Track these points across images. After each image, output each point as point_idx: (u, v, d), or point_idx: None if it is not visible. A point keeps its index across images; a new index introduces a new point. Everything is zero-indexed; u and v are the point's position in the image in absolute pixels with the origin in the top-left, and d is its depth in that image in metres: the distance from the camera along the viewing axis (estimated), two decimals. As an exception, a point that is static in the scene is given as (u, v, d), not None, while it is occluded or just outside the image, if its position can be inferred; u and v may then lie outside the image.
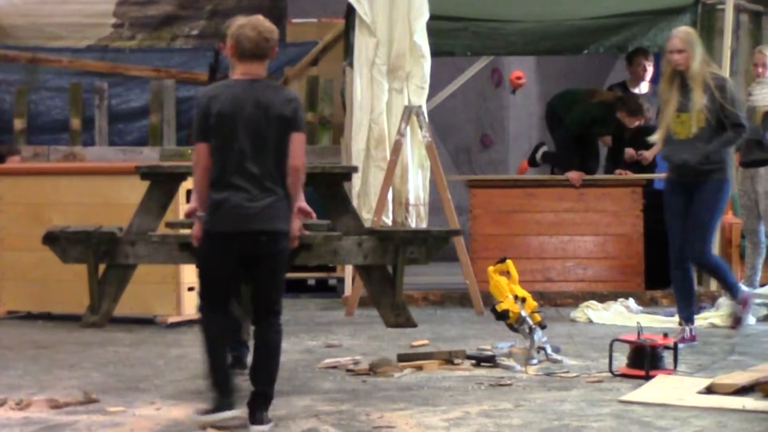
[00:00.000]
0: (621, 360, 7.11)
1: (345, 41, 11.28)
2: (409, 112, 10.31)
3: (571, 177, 10.80)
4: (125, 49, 13.56)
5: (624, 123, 10.72)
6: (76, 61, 13.37)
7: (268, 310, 5.78)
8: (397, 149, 10.28)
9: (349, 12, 10.87)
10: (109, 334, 8.49)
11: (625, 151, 11.06)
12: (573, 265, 10.79)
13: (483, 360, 7.38)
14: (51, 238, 6.81)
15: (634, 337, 7.06)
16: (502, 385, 6.73)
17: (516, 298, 7.44)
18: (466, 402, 6.26)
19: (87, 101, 13.19)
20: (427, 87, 10.58)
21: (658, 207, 8.59)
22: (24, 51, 13.38)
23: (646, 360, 6.88)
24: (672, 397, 6.27)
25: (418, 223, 10.54)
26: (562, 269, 10.78)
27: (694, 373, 7.06)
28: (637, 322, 7.51)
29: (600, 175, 11.25)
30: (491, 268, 7.67)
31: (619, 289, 10.52)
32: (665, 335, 7.31)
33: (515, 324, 7.41)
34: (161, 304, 9.43)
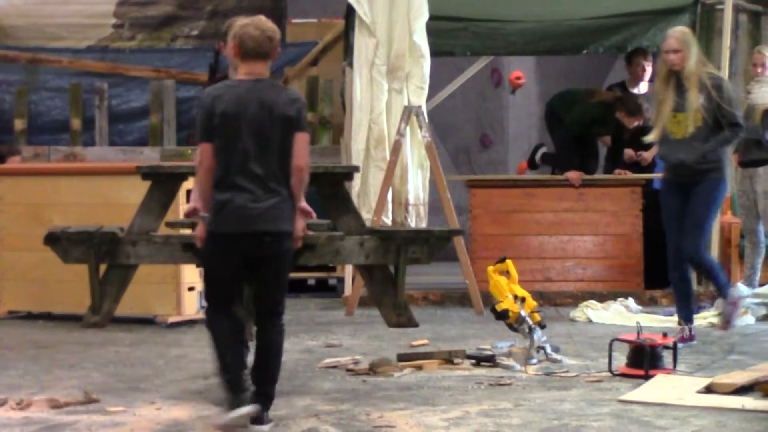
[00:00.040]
0: (620, 359, 7.11)
1: (345, 41, 11.27)
2: (408, 112, 10.31)
3: (571, 177, 10.79)
4: (125, 49, 13.55)
5: (623, 123, 10.73)
6: (77, 62, 13.37)
7: (272, 311, 5.78)
8: (396, 149, 10.28)
9: (349, 12, 10.86)
10: (110, 334, 8.50)
11: (625, 152, 11.06)
12: (572, 265, 10.79)
13: (483, 360, 7.38)
14: (52, 239, 6.75)
15: (633, 337, 7.06)
16: (501, 384, 6.73)
17: (516, 297, 7.44)
18: (465, 401, 6.26)
19: (87, 101, 13.19)
20: (426, 87, 10.57)
21: (658, 207, 8.57)
22: (24, 51, 13.37)
23: (645, 359, 6.88)
24: (671, 396, 6.27)
25: (417, 223, 10.53)
26: (562, 269, 10.78)
27: (693, 372, 7.06)
28: (637, 322, 7.52)
29: (599, 175, 11.25)
30: (491, 268, 7.67)
31: (619, 288, 10.51)
32: (664, 335, 7.32)
33: (515, 324, 7.41)
34: (161, 304, 9.43)
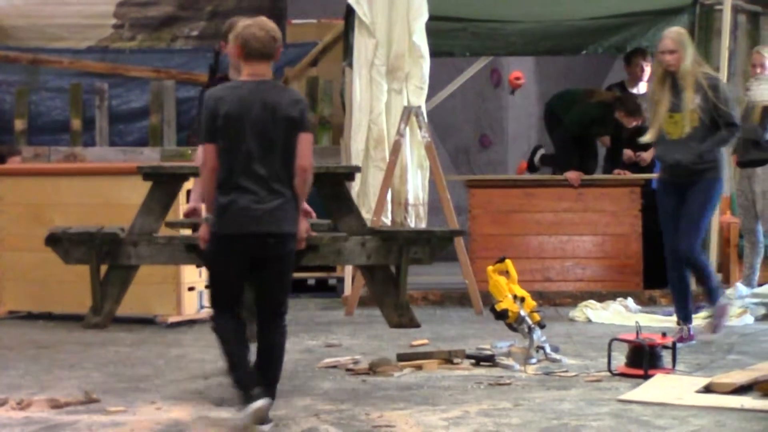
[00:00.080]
0: (620, 359, 7.11)
1: (344, 42, 11.28)
2: (408, 112, 10.31)
3: (570, 177, 10.80)
4: (125, 49, 13.57)
5: (622, 123, 10.74)
6: (77, 62, 13.38)
7: (275, 312, 5.79)
8: (396, 149, 10.28)
9: (349, 13, 10.86)
10: (110, 334, 8.49)
11: (624, 152, 11.07)
12: (572, 265, 10.80)
13: (482, 359, 7.38)
14: (54, 240, 6.73)
15: (632, 337, 7.06)
16: (501, 384, 6.73)
17: (515, 297, 7.44)
18: (465, 401, 6.26)
19: (87, 102, 13.20)
20: (426, 87, 10.58)
21: (657, 207, 8.59)
22: (25, 52, 13.39)
23: (644, 359, 6.88)
24: (671, 396, 6.27)
25: (417, 223, 10.54)
26: (561, 269, 10.79)
27: (692, 372, 7.06)
28: (636, 322, 7.52)
29: (599, 175, 11.26)
30: (490, 268, 7.67)
31: (618, 288, 10.52)
32: (664, 334, 7.32)
33: (514, 323, 7.41)
34: (161, 304, 9.43)
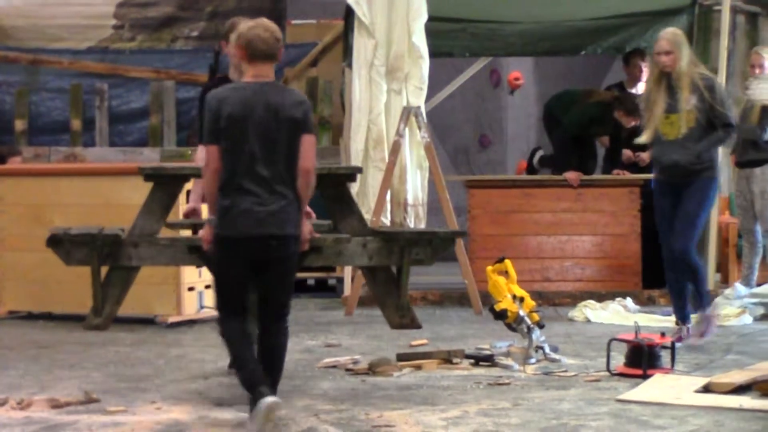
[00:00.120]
0: (619, 359, 7.12)
1: (344, 42, 11.30)
2: (407, 112, 10.32)
3: (569, 177, 10.81)
4: (125, 50, 13.59)
5: (621, 123, 10.75)
6: (77, 63, 13.40)
7: (278, 314, 5.77)
8: (395, 150, 10.29)
9: (348, 13, 10.87)
10: (110, 334, 8.47)
11: (623, 152, 11.07)
12: (571, 265, 10.81)
13: (481, 359, 7.38)
14: (55, 241, 6.65)
15: (631, 337, 7.07)
16: (500, 384, 6.74)
17: (514, 297, 7.45)
18: (464, 401, 6.27)
19: (87, 102, 13.22)
20: (425, 88, 10.58)
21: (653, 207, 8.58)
22: (25, 52, 13.41)
23: (643, 359, 6.89)
24: (669, 396, 6.27)
25: (416, 223, 10.55)
26: (560, 269, 10.80)
27: (691, 372, 7.07)
28: (635, 322, 7.54)
29: (598, 176, 11.27)
30: (490, 268, 7.67)
31: (617, 288, 10.53)
32: (662, 334, 7.33)
33: (513, 323, 7.42)
34: (162, 304, 9.44)
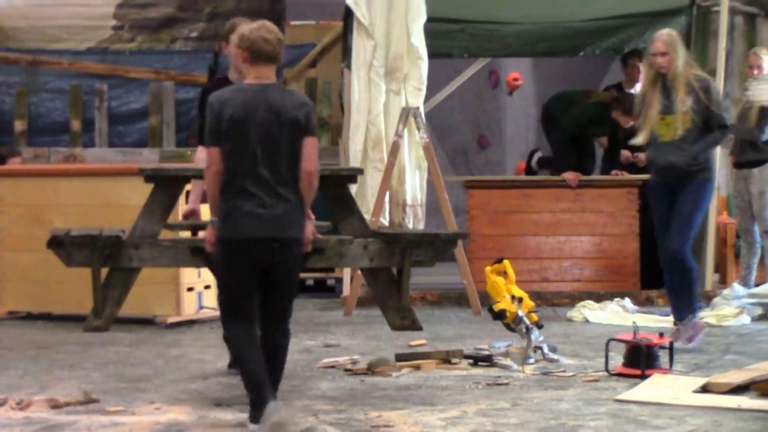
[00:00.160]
0: (617, 359, 7.13)
1: (343, 43, 11.31)
2: (406, 113, 10.33)
3: (568, 178, 10.82)
4: (125, 51, 13.59)
5: (619, 122, 10.76)
6: (77, 63, 13.41)
7: (280, 316, 5.76)
8: (394, 150, 10.30)
9: (347, 14, 10.88)
10: (109, 335, 8.43)
11: (621, 153, 11.09)
12: (569, 265, 10.81)
13: (480, 359, 7.39)
14: (56, 243, 6.62)
15: (630, 337, 7.08)
16: (499, 384, 6.75)
17: (513, 298, 7.45)
18: (463, 401, 6.28)
19: (87, 103, 13.23)
20: (424, 88, 10.59)
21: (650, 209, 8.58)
22: (25, 53, 13.41)
23: (642, 359, 6.90)
24: (668, 396, 6.28)
25: (415, 224, 10.55)
26: (559, 269, 10.80)
27: (689, 372, 7.08)
28: (633, 322, 7.55)
29: (596, 176, 11.28)
30: (488, 269, 7.68)
31: (615, 288, 10.53)
32: (661, 335, 7.32)
33: (512, 324, 7.42)
34: (161, 304, 9.44)
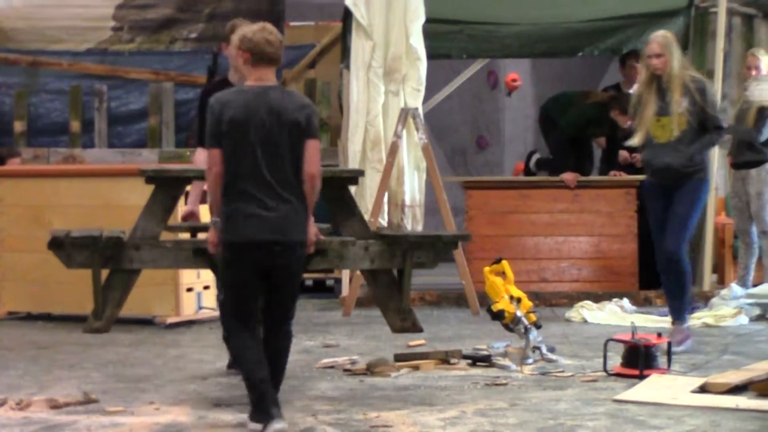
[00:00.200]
0: (615, 359, 7.13)
1: (342, 44, 11.32)
2: (405, 114, 10.34)
3: (566, 178, 10.83)
4: (124, 52, 13.60)
5: (617, 122, 10.76)
6: (76, 64, 13.42)
7: (282, 318, 5.76)
8: (393, 151, 10.30)
9: (346, 15, 10.89)
10: (109, 335, 8.38)
11: (619, 154, 11.10)
12: (568, 266, 10.83)
13: (479, 360, 7.40)
14: (56, 244, 6.57)
15: (628, 337, 7.08)
16: (497, 384, 6.76)
17: (511, 298, 7.46)
18: (462, 401, 6.29)
19: (86, 104, 13.24)
20: (423, 89, 10.60)
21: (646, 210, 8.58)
22: (24, 54, 13.43)
23: (640, 359, 6.90)
24: (666, 396, 6.29)
25: (413, 224, 10.56)
26: (557, 270, 10.82)
27: (687, 372, 7.09)
28: (632, 322, 7.57)
29: (594, 177, 11.29)
30: (487, 269, 7.69)
31: (614, 289, 10.54)
32: (659, 335, 7.31)
33: (511, 324, 7.43)
34: (160, 304, 9.44)
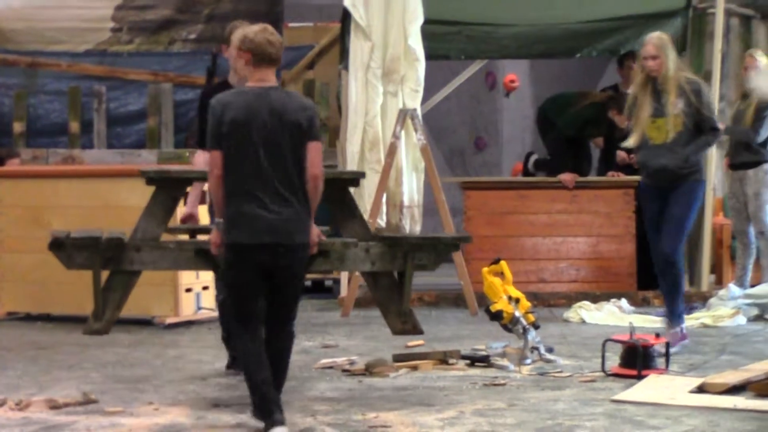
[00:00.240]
0: (613, 360, 7.14)
1: (341, 45, 11.33)
2: (403, 115, 10.34)
3: (564, 179, 10.84)
4: (123, 53, 13.62)
5: (615, 122, 10.78)
6: (75, 65, 13.43)
7: (285, 318, 5.75)
8: (391, 152, 10.31)
9: (345, 16, 10.89)
10: (108, 336, 8.43)
11: (617, 154, 11.10)
12: (566, 266, 10.84)
13: (477, 360, 7.40)
14: (57, 245, 6.52)
15: (626, 337, 7.09)
16: (496, 384, 6.77)
17: (510, 298, 7.47)
18: (460, 401, 6.30)
19: (86, 105, 13.25)
20: (421, 90, 10.60)
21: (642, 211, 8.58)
22: (23, 55, 13.45)
23: (638, 360, 6.91)
24: (664, 396, 6.30)
25: (412, 225, 10.57)
26: (556, 270, 10.83)
27: (685, 372, 7.10)
28: (630, 323, 7.56)
29: (593, 177, 11.30)
30: (485, 269, 7.70)
31: (612, 289, 10.55)
32: (657, 335, 7.33)
33: (509, 324, 7.44)
34: (159, 305, 9.44)
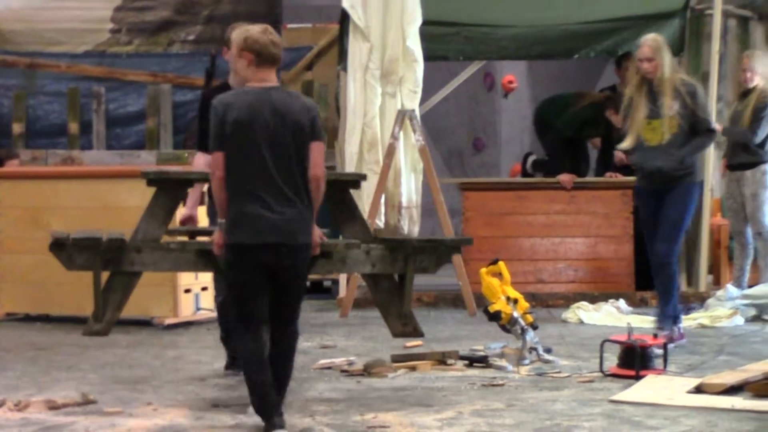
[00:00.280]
0: (612, 360, 7.14)
1: (339, 46, 11.34)
2: (402, 116, 10.35)
3: (562, 179, 10.85)
4: (122, 54, 13.62)
5: (612, 122, 10.79)
6: (74, 66, 13.43)
7: (288, 318, 5.73)
8: (390, 153, 10.32)
9: (344, 17, 10.91)
10: (107, 336, 8.51)
11: (615, 155, 11.11)
12: (564, 267, 10.85)
13: (476, 360, 7.41)
14: (57, 245, 6.46)
15: (624, 338, 7.09)
16: (494, 385, 6.77)
17: (508, 299, 7.47)
18: (459, 402, 6.30)
19: (85, 106, 13.25)
20: (419, 91, 10.61)
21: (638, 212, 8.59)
22: (22, 56, 13.45)
23: (636, 360, 6.91)
24: (662, 396, 6.30)
25: (410, 226, 10.58)
26: (554, 271, 10.84)
27: (683, 373, 7.10)
28: (628, 323, 7.56)
29: (591, 178, 11.31)
30: (484, 270, 7.69)
31: (610, 290, 10.56)
32: (655, 335, 7.35)
33: (507, 325, 7.44)
34: (158, 306, 9.45)
